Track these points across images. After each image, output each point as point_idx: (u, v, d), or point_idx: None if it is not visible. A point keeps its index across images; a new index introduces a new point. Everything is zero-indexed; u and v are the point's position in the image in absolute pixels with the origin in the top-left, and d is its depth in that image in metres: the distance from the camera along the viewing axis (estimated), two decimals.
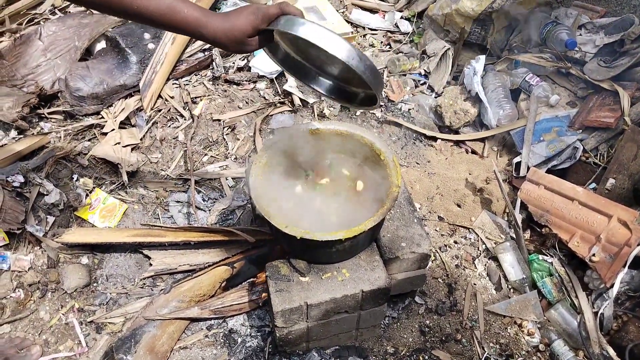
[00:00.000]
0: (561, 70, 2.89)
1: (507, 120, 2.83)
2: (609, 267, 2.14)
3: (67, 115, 2.89)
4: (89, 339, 2.13)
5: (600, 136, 2.60)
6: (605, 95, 2.69)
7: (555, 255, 2.33)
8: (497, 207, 2.60)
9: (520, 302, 2.23)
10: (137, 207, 2.57)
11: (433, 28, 3.35)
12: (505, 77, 2.95)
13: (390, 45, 3.49)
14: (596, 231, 2.23)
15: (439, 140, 2.91)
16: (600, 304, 2.14)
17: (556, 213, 2.35)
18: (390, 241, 1.96)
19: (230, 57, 3.27)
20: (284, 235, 1.72)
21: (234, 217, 2.52)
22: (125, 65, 3.00)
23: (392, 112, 3.01)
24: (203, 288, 2.16)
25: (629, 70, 2.70)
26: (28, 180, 2.48)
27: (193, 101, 3.00)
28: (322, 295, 1.81)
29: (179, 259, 2.30)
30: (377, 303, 1.92)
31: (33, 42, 3.03)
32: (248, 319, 2.16)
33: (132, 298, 2.25)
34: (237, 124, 2.91)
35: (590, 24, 3.08)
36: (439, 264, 2.39)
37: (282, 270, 1.88)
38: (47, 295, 2.24)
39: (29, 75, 2.94)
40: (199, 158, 2.77)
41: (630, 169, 2.43)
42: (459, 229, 2.53)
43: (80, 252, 2.36)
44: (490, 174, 2.72)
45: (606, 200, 2.29)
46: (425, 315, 2.22)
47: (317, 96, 2.98)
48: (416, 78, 3.23)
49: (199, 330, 2.16)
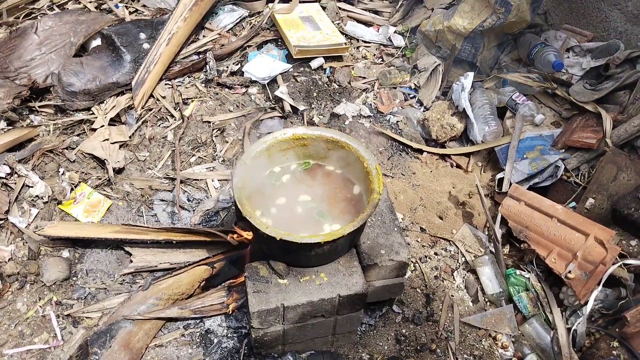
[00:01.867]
0: (547, 91, 2.95)
1: (492, 137, 2.87)
2: (584, 284, 2.18)
3: (57, 110, 2.90)
4: (64, 333, 2.13)
5: (582, 156, 2.65)
6: (589, 117, 2.74)
7: (533, 270, 2.36)
8: (478, 221, 2.63)
9: (495, 315, 2.26)
10: (122, 203, 2.58)
11: (425, 44, 3.41)
12: (493, 94, 3.00)
13: (382, 58, 3.54)
14: (573, 249, 2.26)
15: (425, 153, 2.95)
16: (574, 320, 2.17)
17: (535, 229, 2.38)
18: (369, 248, 1.98)
19: (225, 61, 3.31)
20: (264, 236, 1.74)
21: (218, 218, 2.54)
22: (119, 64, 3.03)
23: (380, 123, 3.05)
24: (182, 286, 2.17)
25: (612, 93, 2.76)
26: (14, 171, 2.48)
27: (184, 102, 3.03)
28: (300, 297, 1.82)
29: (160, 257, 2.30)
30: (353, 309, 1.94)
31: (29, 35, 3.05)
32: (226, 320, 2.17)
33: (110, 293, 2.25)
34: (227, 127, 2.94)
35: (578, 47, 3.16)
36: (419, 274, 2.41)
37: (261, 271, 1.89)
38: (26, 287, 2.24)
39: (23, 68, 2.96)
40: (186, 158, 2.79)
41: (610, 189, 2.47)
42: (440, 240, 2.56)
43: (61, 246, 2.36)
44: (474, 188, 2.76)
45: (584, 219, 2.33)
46: (402, 324, 2.24)
47: (307, 104, 3.02)
48: (406, 91, 3.27)
49: (175, 328, 2.16)
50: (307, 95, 3.11)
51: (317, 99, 3.11)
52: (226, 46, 3.34)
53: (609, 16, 3.11)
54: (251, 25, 3.56)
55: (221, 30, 3.47)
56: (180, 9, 3.18)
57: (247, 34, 3.42)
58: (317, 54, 3.30)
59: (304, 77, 3.21)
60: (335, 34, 3.42)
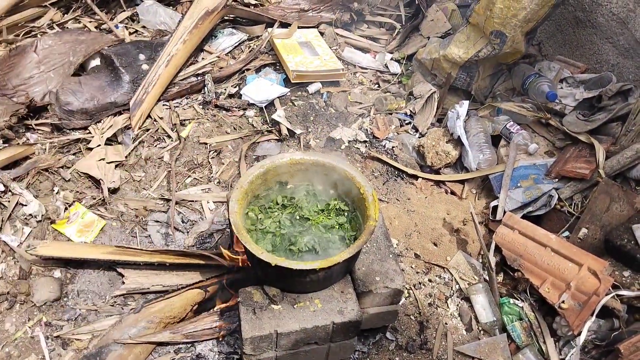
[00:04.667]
0: (541, 121, 2.99)
1: (486, 165, 2.90)
2: (578, 314, 2.18)
3: (54, 128, 2.90)
4: (53, 355, 2.09)
5: (576, 186, 2.67)
6: (582, 148, 2.78)
7: (526, 300, 2.36)
8: (472, 248, 2.64)
9: (489, 344, 2.25)
10: (116, 224, 2.56)
11: (421, 71, 3.46)
12: (487, 122, 3.04)
13: (379, 84, 3.58)
14: (567, 279, 2.27)
15: (419, 179, 2.97)
16: (567, 351, 2.17)
17: (529, 258, 2.39)
18: (364, 274, 1.98)
19: (223, 83, 3.34)
20: (259, 261, 1.73)
21: (212, 240, 2.53)
22: (117, 84, 3.04)
23: (376, 148, 3.07)
24: (174, 310, 2.15)
25: (605, 125, 2.80)
26: (8, 189, 2.47)
27: (182, 123, 3.04)
28: (293, 324, 1.81)
29: (153, 279, 2.28)
30: (347, 336, 1.93)
31: (28, 53, 3.06)
32: (217, 345, 2.14)
33: (101, 315, 2.22)
34: (224, 149, 2.95)
35: (572, 78, 3.21)
36: (412, 301, 2.41)
37: (254, 296, 1.88)
38: (15, 306, 2.21)
39: (21, 85, 2.96)
40: (182, 179, 2.79)
41: (603, 220, 2.49)
42: (434, 267, 2.56)
43: (53, 266, 2.33)
44: (468, 215, 2.77)
45: (578, 249, 2.34)
46: (395, 352, 2.22)
47: (304, 128, 3.04)
48: (402, 117, 3.31)
49: (166, 352, 2.12)
50: (304, 119, 3.13)
51: (313, 123, 3.14)
52: (225, 69, 3.37)
53: (602, 49, 3.18)
54: (250, 48, 3.60)
55: (220, 53, 3.51)
56: (180, 31, 3.22)
57: (245, 58, 3.46)
58: (315, 79, 3.34)
59: (302, 101, 3.24)
60: (333, 60, 3.47)
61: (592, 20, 3.19)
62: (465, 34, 3.11)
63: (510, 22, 2.82)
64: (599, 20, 3.14)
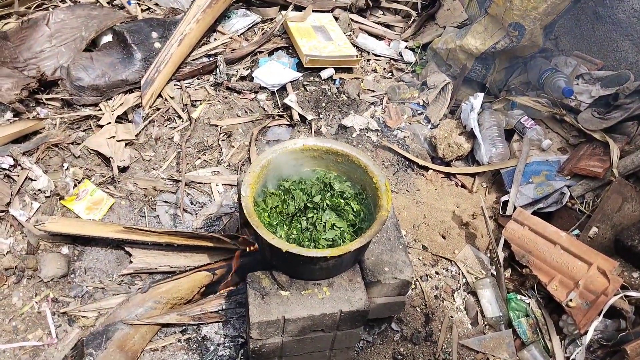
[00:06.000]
0: (556, 116, 2.96)
1: (498, 159, 2.88)
2: (585, 313, 2.17)
3: (64, 104, 2.88)
4: (59, 331, 2.10)
5: (588, 185, 2.65)
6: (596, 146, 2.75)
7: (534, 296, 2.35)
8: (481, 242, 2.63)
9: (494, 339, 2.24)
10: (124, 202, 2.55)
11: (436, 61, 3.42)
12: (501, 116, 3.00)
13: (392, 72, 3.54)
14: (575, 277, 2.26)
15: (430, 171, 2.95)
16: (572, 349, 2.17)
17: (538, 255, 2.38)
18: (373, 264, 1.97)
19: (235, 65, 3.30)
20: (269, 246, 1.72)
21: (220, 223, 2.52)
22: (129, 61, 3.01)
23: (387, 137, 3.04)
24: (181, 291, 2.15)
25: (621, 123, 2.76)
26: (18, 164, 2.46)
27: (193, 104, 3.01)
28: (301, 311, 1.81)
29: (160, 260, 2.28)
30: (354, 325, 1.92)
31: (40, 27, 3.03)
32: (223, 328, 2.15)
33: (108, 293, 2.22)
34: (234, 132, 2.93)
35: (588, 74, 3.17)
36: (419, 292, 2.40)
37: (263, 281, 1.87)
38: (23, 281, 2.21)
39: (32, 59, 2.94)
40: (191, 161, 2.77)
41: (614, 220, 2.47)
42: (442, 260, 2.55)
43: (61, 242, 2.33)
44: (478, 209, 2.76)
45: (588, 248, 2.33)
46: (400, 342, 2.23)
47: (315, 114, 3.02)
48: (414, 107, 3.27)
49: (172, 333, 2.13)
50: (316, 105, 3.11)
51: (325, 109, 3.11)
52: (237, 50, 3.34)
53: (620, 46, 3.13)
54: (263, 31, 3.56)
55: (233, 34, 3.47)
56: (194, 10, 3.17)
57: (258, 40, 3.42)
58: (328, 65, 3.30)
59: (314, 86, 3.21)
60: (347, 46, 3.42)
61: (613, 16, 3.13)
62: (483, 25, 3.06)
63: (530, 15, 2.78)
64: (619, 16, 3.09)
